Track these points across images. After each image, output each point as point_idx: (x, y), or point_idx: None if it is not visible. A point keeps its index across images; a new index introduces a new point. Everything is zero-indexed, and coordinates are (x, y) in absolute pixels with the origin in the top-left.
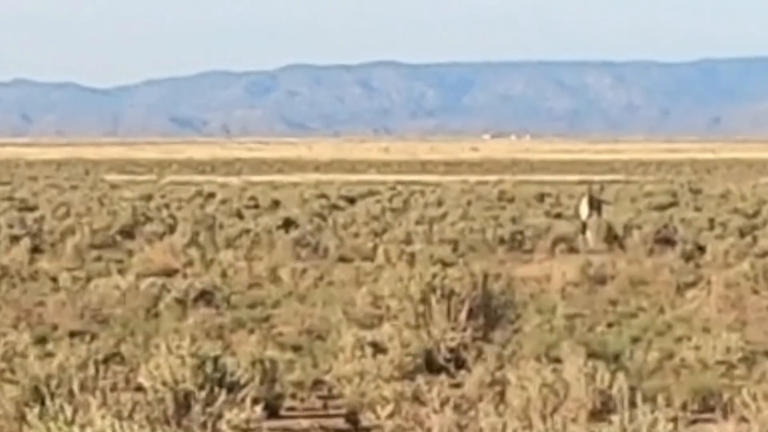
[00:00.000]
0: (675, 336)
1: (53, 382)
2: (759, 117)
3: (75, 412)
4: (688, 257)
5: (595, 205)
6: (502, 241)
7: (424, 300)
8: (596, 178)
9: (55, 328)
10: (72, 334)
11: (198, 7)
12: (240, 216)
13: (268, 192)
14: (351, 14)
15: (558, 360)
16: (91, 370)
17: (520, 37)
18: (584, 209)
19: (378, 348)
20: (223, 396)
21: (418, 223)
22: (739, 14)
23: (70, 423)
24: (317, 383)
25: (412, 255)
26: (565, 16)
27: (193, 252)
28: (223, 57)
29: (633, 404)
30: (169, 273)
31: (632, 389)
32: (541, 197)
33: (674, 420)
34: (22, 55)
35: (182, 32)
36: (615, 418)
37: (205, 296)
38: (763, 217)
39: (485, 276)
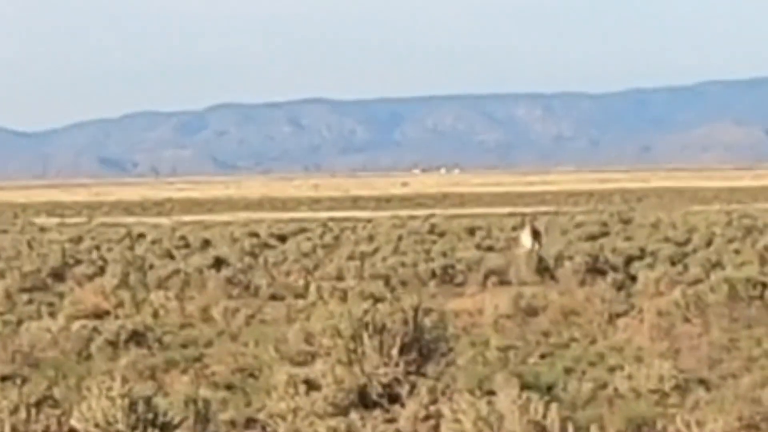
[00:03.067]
0: (608, 366)
1: None
2: (688, 145)
3: None
4: (619, 287)
5: (537, 236)
6: (433, 274)
7: (356, 336)
8: (527, 210)
9: None
10: (3, 378)
11: (123, 48)
12: (170, 256)
13: (198, 231)
14: (279, 52)
15: (492, 392)
16: (23, 414)
17: (448, 71)
18: (527, 240)
19: (311, 385)
20: None
21: (349, 259)
22: (667, 44)
23: None
24: (251, 421)
25: (344, 291)
26: (494, 48)
27: (124, 293)
28: (151, 97)
29: None
30: (100, 315)
31: (566, 420)
32: (472, 230)
33: None
34: None
35: (108, 74)
36: None
37: (136, 337)
38: (694, 245)
39: (417, 310)
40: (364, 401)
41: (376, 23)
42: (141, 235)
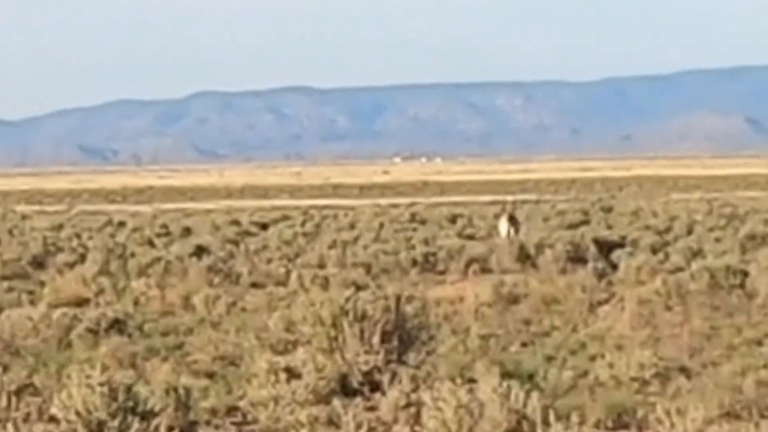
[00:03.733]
0: (589, 354)
1: None
2: (668, 134)
3: None
4: (600, 275)
5: (515, 223)
6: (414, 263)
7: (337, 324)
8: (508, 198)
9: None
10: None
11: (104, 37)
12: (151, 244)
13: (179, 219)
14: (260, 40)
15: (472, 380)
16: (3, 402)
17: (429, 60)
18: (504, 227)
19: (292, 373)
20: (136, 424)
21: (330, 247)
22: (647, 33)
23: None
24: (232, 409)
25: (326, 279)
26: (474, 37)
27: (105, 281)
28: (131, 86)
29: (547, 423)
30: (81, 302)
31: (547, 408)
32: (453, 218)
33: None
34: None
35: (89, 62)
36: None
37: (117, 325)
38: (675, 234)
39: (398, 298)
40: (345, 389)
41: (358, 13)
42: (122, 223)
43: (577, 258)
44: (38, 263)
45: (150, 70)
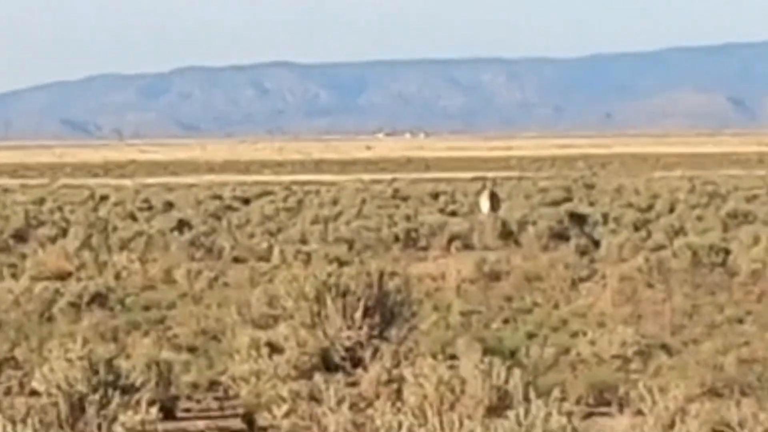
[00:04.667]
0: (570, 331)
1: None
2: (650, 112)
3: None
4: (582, 252)
5: (495, 200)
6: (397, 239)
7: (320, 299)
8: (490, 175)
9: None
10: None
11: (87, 9)
12: (133, 218)
13: (161, 194)
14: (243, 15)
15: (454, 357)
16: None
17: (413, 36)
18: (485, 204)
19: (274, 348)
20: (117, 398)
21: (313, 222)
22: (630, 11)
23: None
24: (213, 384)
25: (308, 255)
26: (458, 13)
27: (87, 255)
28: (114, 60)
29: (528, 399)
30: (63, 276)
31: (528, 385)
32: (436, 195)
33: (569, 414)
34: None
35: (72, 35)
36: (511, 413)
37: (99, 299)
38: (657, 211)
39: (381, 274)
40: (327, 364)
41: None
42: (104, 197)
43: (559, 235)
44: (20, 237)
45: (133, 44)
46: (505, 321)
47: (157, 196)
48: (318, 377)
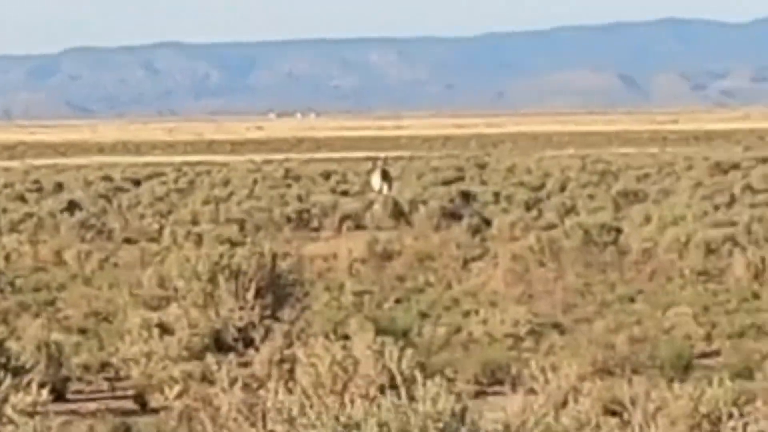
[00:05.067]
0: (463, 310)
1: None
2: (542, 90)
3: None
4: (474, 231)
5: (387, 178)
6: (288, 219)
7: (212, 280)
8: (382, 154)
9: None
10: None
11: None
12: (23, 200)
13: (51, 175)
14: None
15: (347, 337)
16: None
17: (302, 15)
18: (376, 182)
19: (165, 329)
20: (8, 380)
21: (204, 203)
22: None
23: None
24: (104, 365)
25: (199, 235)
26: None
27: None
28: (3, 41)
29: (421, 379)
30: None
31: (421, 364)
32: (328, 175)
33: (459, 394)
34: None
35: None
36: (400, 393)
37: None
38: (548, 190)
39: (273, 255)
40: (219, 345)
41: None
42: None
43: (451, 214)
44: None
45: (23, 25)
46: (398, 301)
47: (47, 178)
48: (210, 358)
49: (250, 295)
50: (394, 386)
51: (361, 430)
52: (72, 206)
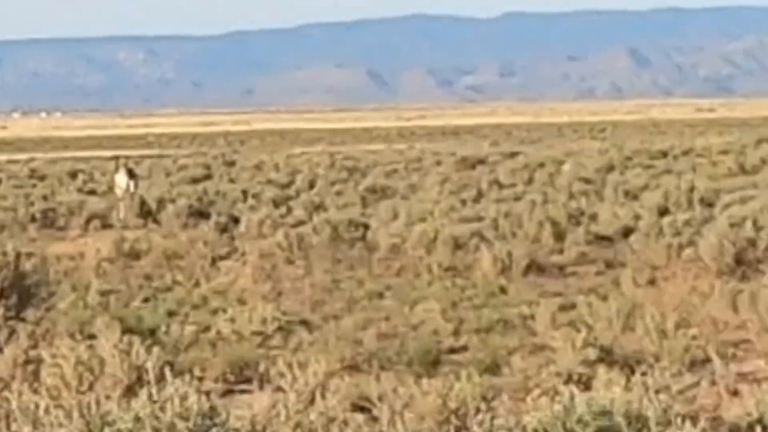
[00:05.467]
0: (211, 308)
1: None
2: (291, 88)
3: None
4: (222, 229)
5: (134, 176)
6: (33, 219)
7: None
8: (130, 153)
9: None
10: None
11: None
12: None
13: None
14: None
15: (93, 336)
16: None
17: (46, 15)
18: (122, 180)
19: None
20: None
21: None
22: None
23: None
24: None
25: None
26: None
27: None
28: None
29: (167, 378)
30: None
31: (168, 363)
32: (74, 174)
33: (207, 392)
34: None
35: None
36: (145, 392)
37: None
38: (297, 187)
39: (17, 255)
40: None
41: None
42: None
43: (199, 212)
44: None
45: None
46: (145, 300)
47: None
48: None
49: None
50: (140, 385)
51: (112, 428)
52: None
